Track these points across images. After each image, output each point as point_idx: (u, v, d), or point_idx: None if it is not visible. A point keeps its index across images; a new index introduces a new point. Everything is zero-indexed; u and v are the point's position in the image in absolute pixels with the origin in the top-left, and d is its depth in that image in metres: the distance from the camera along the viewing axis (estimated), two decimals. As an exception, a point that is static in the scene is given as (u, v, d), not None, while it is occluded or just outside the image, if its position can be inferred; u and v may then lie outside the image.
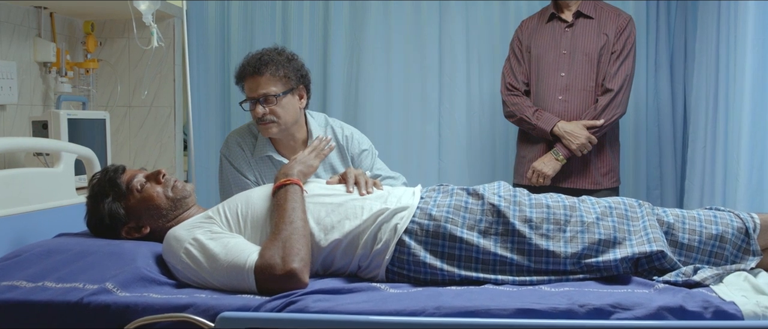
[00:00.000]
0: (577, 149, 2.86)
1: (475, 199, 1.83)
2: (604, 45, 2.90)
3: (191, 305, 1.55)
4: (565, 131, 2.87)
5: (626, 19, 2.93)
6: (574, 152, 2.88)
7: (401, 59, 3.55)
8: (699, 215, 1.84)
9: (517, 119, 3.00)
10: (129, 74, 3.54)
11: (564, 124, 2.88)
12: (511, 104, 3.01)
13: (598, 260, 1.72)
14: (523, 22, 3.11)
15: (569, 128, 2.87)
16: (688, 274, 1.68)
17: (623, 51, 2.89)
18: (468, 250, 1.73)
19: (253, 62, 2.36)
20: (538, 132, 2.94)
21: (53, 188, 2.32)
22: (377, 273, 1.76)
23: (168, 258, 1.77)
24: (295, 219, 1.74)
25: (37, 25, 3.12)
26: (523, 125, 3.01)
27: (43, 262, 1.73)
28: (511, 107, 3.00)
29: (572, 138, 2.86)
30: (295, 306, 1.53)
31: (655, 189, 3.49)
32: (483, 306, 1.51)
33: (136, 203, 1.91)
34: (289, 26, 3.58)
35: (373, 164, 2.54)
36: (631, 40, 2.91)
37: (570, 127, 2.87)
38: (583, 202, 1.85)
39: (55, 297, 1.59)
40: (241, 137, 2.50)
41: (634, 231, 1.77)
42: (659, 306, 1.50)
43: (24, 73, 3.02)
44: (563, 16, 2.97)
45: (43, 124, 2.83)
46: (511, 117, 3.04)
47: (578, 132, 2.86)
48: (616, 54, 2.89)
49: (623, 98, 2.89)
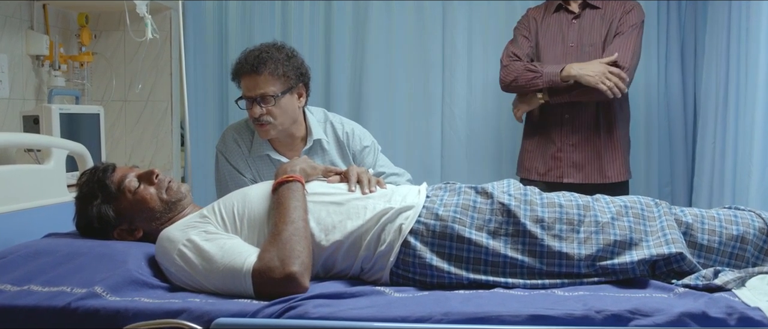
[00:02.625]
0: (597, 81, 2.63)
1: (484, 198, 1.74)
2: (609, 33, 2.81)
3: (185, 310, 1.47)
4: (580, 68, 2.67)
5: (632, 5, 2.84)
6: (596, 86, 2.64)
7: (404, 54, 3.51)
8: (719, 214, 1.75)
9: (515, 81, 2.80)
10: (124, 68, 3.47)
11: (574, 63, 2.71)
12: (512, 69, 2.83)
13: (614, 262, 1.64)
14: (529, 10, 3.02)
15: (582, 65, 2.68)
16: (709, 277, 1.60)
17: (625, 30, 2.78)
18: (476, 252, 1.65)
19: (251, 59, 2.26)
20: (545, 80, 2.74)
21: (43, 186, 2.24)
22: (381, 275, 1.68)
23: (161, 260, 1.69)
24: (296, 219, 1.66)
25: (30, 17, 3.05)
26: (525, 82, 2.78)
27: (30, 264, 1.65)
28: (511, 72, 2.82)
29: (587, 71, 2.66)
30: (294, 312, 1.45)
31: (665, 186, 3.45)
32: (493, 311, 1.43)
33: (128, 205, 1.82)
34: (290, 20, 3.52)
35: (375, 160, 2.45)
36: (630, 20, 2.79)
37: (581, 64, 2.69)
38: (597, 201, 1.77)
39: (40, 301, 1.51)
40: (238, 133, 2.41)
41: (651, 232, 1.69)
42: (681, 312, 1.42)
43: (15, 67, 2.94)
44: (570, 7, 2.89)
45: (34, 119, 2.75)
46: (507, 82, 2.84)
47: (595, 66, 2.67)
48: (619, 35, 2.79)
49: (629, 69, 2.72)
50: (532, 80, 2.78)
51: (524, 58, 2.86)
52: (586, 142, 2.85)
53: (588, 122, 2.85)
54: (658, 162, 3.42)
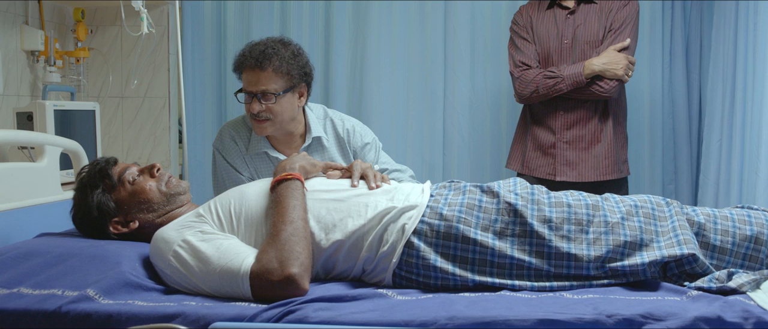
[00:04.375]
0: (624, 74, 2.66)
1: (490, 197, 1.69)
2: (606, 29, 2.76)
3: (180, 314, 1.43)
4: (602, 63, 2.66)
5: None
6: (622, 79, 2.67)
7: (405, 51, 3.46)
8: (731, 214, 1.70)
9: (535, 91, 2.74)
10: (121, 64, 3.42)
11: (592, 59, 2.69)
12: (528, 80, 2.76)
13: (624, 264, 1.59)
14: (522, 8, 2.94)
15: (603, 59, 2.67)
16: (722, 280, 1.54)
17: (619, 27, 2.74)
18: (482, 253, 1.60)
19: (255, 54, 2.19)
20: (567, 82, 2.69)
21: (36, 184, 2.20)
22: (383, 277, 1.63)
23: (155, 261, 1.64)
24: (296, 218, 1.60)
25: (25, 12, 3.00)
26: (546, 90, 2.72)
27: (20, 266, 1.60)
28: (528, 83, 2.75)
29: (613, 66, 2.66)
30: (293, 316, 1.40)
31: (669, 184, 3.41)
32: (501, 316, 1.38)
33: (126, 195, 1.79)
34: (289, 14, 3.47)
35: (377, 157, 2.40)
36: (623, 15, 2.74)
37: (599, 58, 2.67)
38: (606, 200, 1.71)
39: (30, 305, 1.46)
40: (236, 130, 2.36)
41: (663, 232, 1.63)
42: (695, 317, 1.37)
43: (10, 63, 2.89)
44: (564, 2, 2.82)
45: (28, 115, 2.71)
46: (527, 94, 2.77)
47: (615, 57, 2.66)
48: (612, 32, 2.74)
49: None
50: (555, 86, 2.72)
51: (534, 64, 2.80)
52: (581, 138, 2.79)
53: (584, 117, 2.78)
54: (662, 159, 3.38)
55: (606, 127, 2.78)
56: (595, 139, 2.77)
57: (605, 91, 2.69)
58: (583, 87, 2.70)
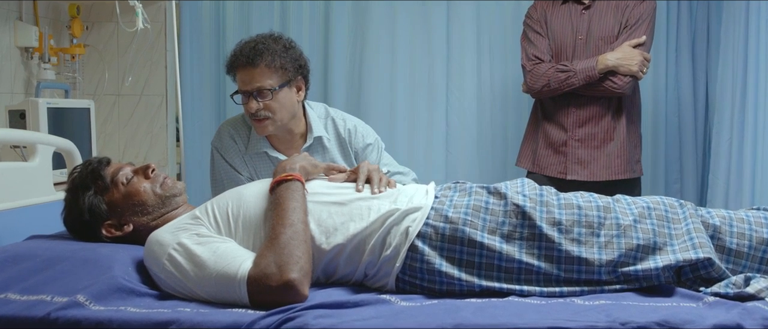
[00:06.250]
0: (639, 70, 2.62)
1: (497, 199, 1.63)
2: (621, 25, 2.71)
3: (174, 321, 1.37)
4: (616, 58, 2.61)
5: None
6: (636, 75, 2.62)
7: (407, 44, 3.40)
8: (747, 216, 1.64)
9: (547, 85, 2.69)
10: (118, 61, 3.37)
11: (608, 53, 2.64)
12: (539, 73, 2.71)
13: (637, 268, 1.53)
14: (537, 2, 2.89)
15: (617, 53, 2.62)
16: (740, 285, 1.49)
17: (635, 23, 2.69)
18: (489, 257, 1.54)
19: (246, 51, 2.15)
20: (580, 77, 2.64)
21: (28, 184, 2.15)
22: (386, 282, 1.57)
23: (149, 265, 1.58)
24: (295, 221, 1.55)
25: (18, 8, 2.96)
26: (558, 84, 2.68)
27: (8, 270, 1.55)
28: (539, 76, 2.70)
29: (627, 61, 2.61)
30: (292, 323, 1.35)
31: (674, 183, 3.37)
32: (510, 323, 1.33)
33: (119, 197, 1.74)
34: (288, 9, 3.41)
35: (379, 159, 2.35)
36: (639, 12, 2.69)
37: (616, 52, 2.62)
38: (618, 202, 1.65)
39: (18, 311, 1.41)
40: (235, 128, 2.30)
41: (677, 235, 1.58)
42: (714, 325, 1.32)
43: (3, 60, 2.85)
44: None
45: (20, 113, 2.65)
46: (538, 88, 2.72)
47: (630, 52, 2.62)
48: (628, 28, 2.69)
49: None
50: (567, 80, 2.67)
51: (546, 59, 2.75)
52: (593, 136, 2.73)
53: (596, 114, 2.73)
54: (666, 158, 3.34)
55: (619, 125, 2.73)
56: (608, 137, 2.72)
57: (618, 87, 2.63)
58: (596, 82, 2.65)
